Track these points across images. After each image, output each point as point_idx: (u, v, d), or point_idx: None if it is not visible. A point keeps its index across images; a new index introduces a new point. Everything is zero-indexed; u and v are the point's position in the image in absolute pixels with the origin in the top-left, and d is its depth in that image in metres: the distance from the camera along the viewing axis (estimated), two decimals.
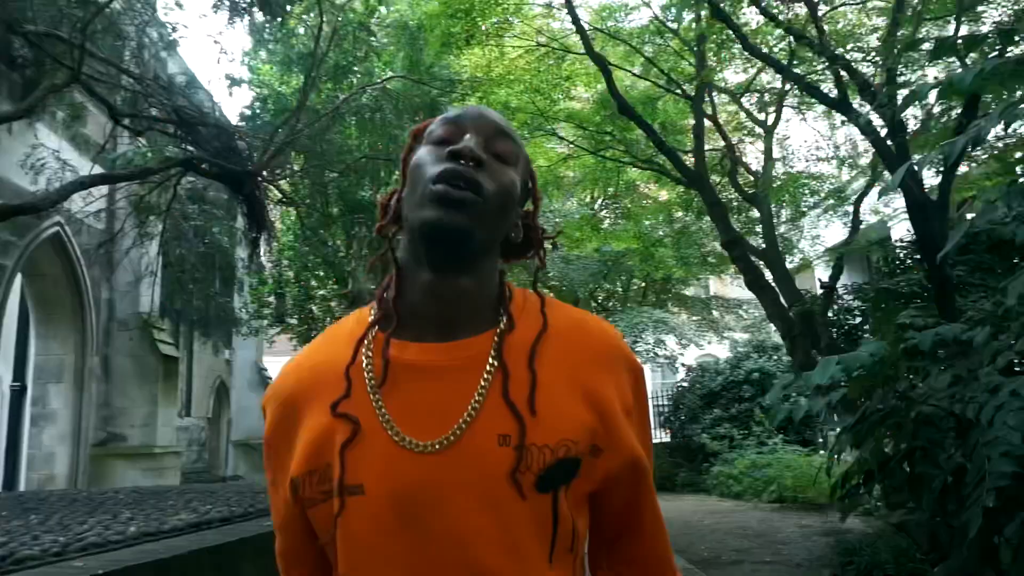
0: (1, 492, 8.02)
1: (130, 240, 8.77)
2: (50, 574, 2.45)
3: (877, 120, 5.01)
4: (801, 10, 7.47)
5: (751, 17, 9.51)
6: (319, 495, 0.80)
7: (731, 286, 18.73)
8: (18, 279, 8.47)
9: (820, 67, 5.61)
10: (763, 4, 8.57)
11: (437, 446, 0.77)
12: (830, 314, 7.33)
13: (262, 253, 9.01)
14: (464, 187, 0.78)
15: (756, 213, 9.23)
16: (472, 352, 0.81)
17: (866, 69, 6.19)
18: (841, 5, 7.13)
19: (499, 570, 0.75)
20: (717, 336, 17.11)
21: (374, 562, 0.77)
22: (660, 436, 17.30)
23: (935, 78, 5.46)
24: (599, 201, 15.89)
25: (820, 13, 7.99)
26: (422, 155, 0.85)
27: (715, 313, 18.50)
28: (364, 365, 0.82)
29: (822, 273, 10.93)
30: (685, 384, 15.30)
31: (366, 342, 0.84)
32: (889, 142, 4.57)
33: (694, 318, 17.80)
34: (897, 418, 2.09)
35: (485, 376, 0.79)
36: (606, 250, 12.76)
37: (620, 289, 18.32)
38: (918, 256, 5.84)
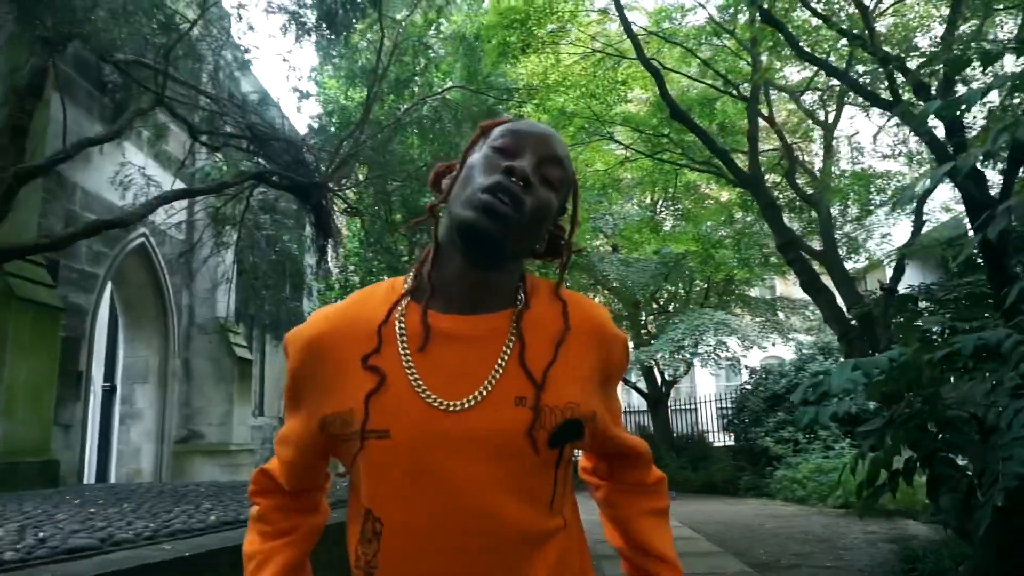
0: (95, 484, 8.63)
1: (208, 249, 9.28)
2: (144, 555, 2.74)
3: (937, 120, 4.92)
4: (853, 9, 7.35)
5: (809, 17, 9.40)
6: (344, 435, 0.90)
7: (797, 287, 18.29)
8: (108, 286, 9.10)
9: (878, 67, 5.50)
10: (817, 4, 8.46)
11: (459, 406, 0.87)
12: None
13: (329, 260, 9.39)
14: (508, 203, 0.88)
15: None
16: (493, 325, 0.92)
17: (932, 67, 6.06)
18: (895, 3, 6.95)
19: (509, 514, 0.86)
20: (782, 338, 16.74)
21: (395, 500, 0.87)
22: (724, 440, 17.07)
23: (994, 76, 5.31)
24: (659, 203, 15.82)
25: (878, 10, 7.83)
26: (480, 158, 0.94)
27: (780, 315, 18.09)
28: (398, 328, 0.92)
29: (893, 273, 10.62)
30: (748, 387, 15.06)
31: (400, 307, 0.94)
32: (948, 143, 4.48)
33: (757, 319, 17.47)
34: (920, 421, 2.14)
35: (506, 346, 0.91)
36: (666, 252, 12.70)
37: (682, 291, 18.16)
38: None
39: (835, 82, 8.64)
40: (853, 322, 5.66)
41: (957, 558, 5.14)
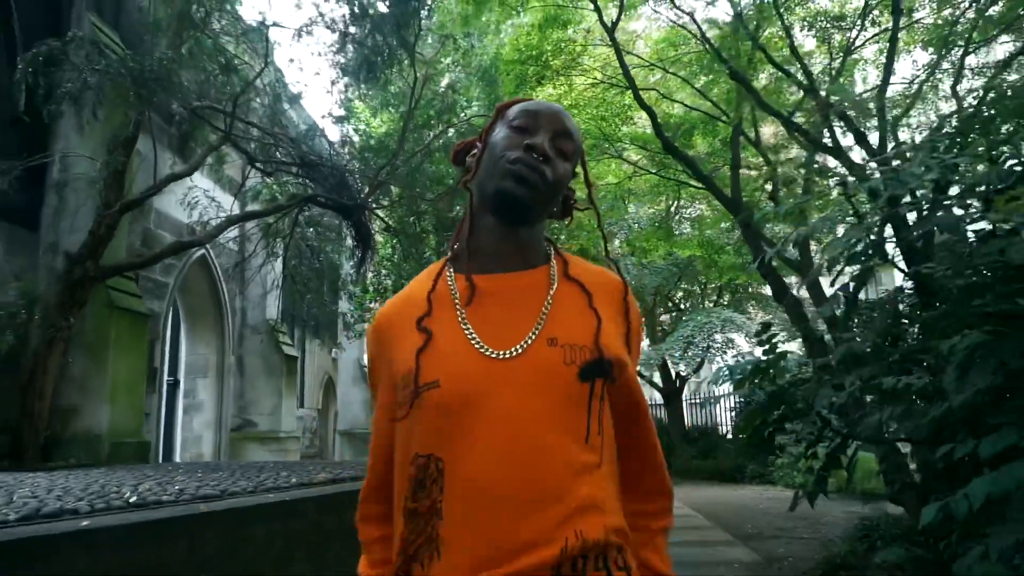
0: (182, 462, 9.84)
1: (260, 259, 10.46)
2: (256, 500, 3.83)
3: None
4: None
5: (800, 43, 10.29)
6: (405, 397, 1.00)
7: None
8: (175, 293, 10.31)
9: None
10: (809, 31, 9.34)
11: (507, 354, 0.98)
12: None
13: (366, 268, 10.51)
14: (533, 173, 1.02)
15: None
16: (533, 280, 1.06)
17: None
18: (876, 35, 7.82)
19: (550, 442, 0.95)
20: (789, 335, 17.51)
21: (454, 437, 0.96)
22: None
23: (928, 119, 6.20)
24: (672, 208, 16.75)
25: (860, 39, 8.70)
26: (503, 136, 1.07)
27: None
28: (451, 292, 1.05)
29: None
30: (756, 381, 15.89)
31: (448, 275, 1.08)
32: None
33: (767, 317, 18.26)
34: (772, 403, 3.13)
35: (548, 299, 1.03)
36: (675, 256, 13.62)
37: (697, 290, 19.06)
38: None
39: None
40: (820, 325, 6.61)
41: (906, 528, 6.06)
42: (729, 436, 17.54)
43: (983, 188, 2.61)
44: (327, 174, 8.76)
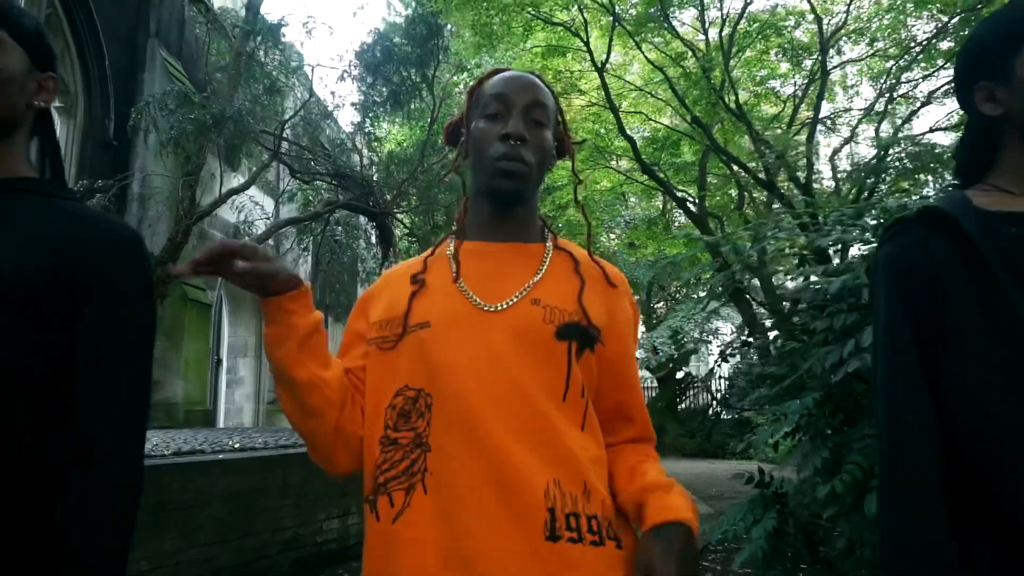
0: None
1: (295, 253, 11.90)
2: None
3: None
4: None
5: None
6: (383, 337, 1.07)
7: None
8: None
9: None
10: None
11: (495, 308, 1.05)
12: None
13: (388, 264, 11.96)
14: (517, 163, 1.07)
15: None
16: (526, 251, 1.13)
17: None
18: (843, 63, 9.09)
19: (532, 388, 1.00)
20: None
21: (447, 372, 1.01)
22: (730, 412, 19.43)
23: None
24: (670, 206, 18.06)
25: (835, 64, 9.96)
26: (481, 129, 1.11)
27: (786, 304, 20.08)
28: (450, 257, 1.13)
29: None
30: (740, 367, 17.33)
31: (449, 241, 1.18)
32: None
33: (760, 310, 19.56)
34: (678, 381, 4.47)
35: (541, 269, 1.10)
36: (663, 253, 14.97)
37: (693, 281, 20.42)
38: None
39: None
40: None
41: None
42: (724, 416, 18.98)
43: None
44: (356, 182, 10.18)
